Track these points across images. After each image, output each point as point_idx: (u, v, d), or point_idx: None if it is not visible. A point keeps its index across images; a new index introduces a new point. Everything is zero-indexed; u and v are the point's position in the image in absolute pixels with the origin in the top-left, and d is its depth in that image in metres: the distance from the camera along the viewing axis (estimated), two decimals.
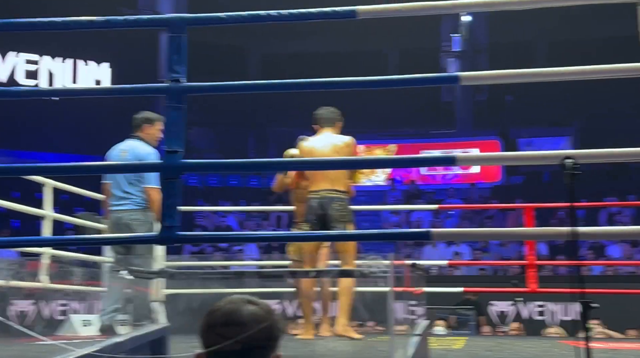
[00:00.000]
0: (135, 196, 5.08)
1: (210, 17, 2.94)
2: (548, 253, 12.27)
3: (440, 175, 17.90)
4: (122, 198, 5.10)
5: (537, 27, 17.76)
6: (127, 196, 5.10)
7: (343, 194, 4.92)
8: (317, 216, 4.88)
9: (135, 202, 5.08)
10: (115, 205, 5.12)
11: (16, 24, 2.97)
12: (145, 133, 5.26)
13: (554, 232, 3.41)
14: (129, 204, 5.08)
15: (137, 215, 5.05)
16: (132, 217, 5.05)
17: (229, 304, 1.55)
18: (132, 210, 5.08)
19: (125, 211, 5.07)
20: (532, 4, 2.94)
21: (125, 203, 5.09)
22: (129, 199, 5.09)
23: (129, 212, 5.07)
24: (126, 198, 5.10)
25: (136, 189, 5.09)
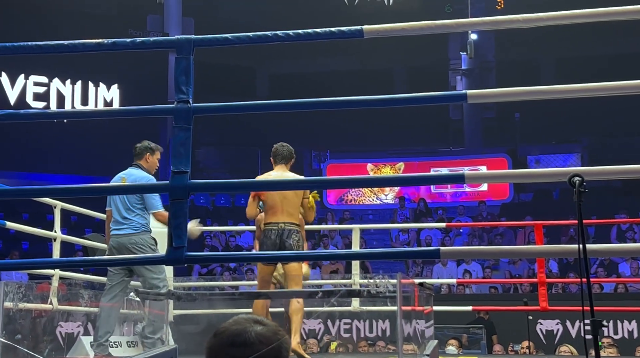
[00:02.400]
0: (132, 220, 5.25)
1: (217, 38, 2.95)
2: (558, 271, 12.19)
3: (449, 193, 17.87)
4: (121, 223, 5.26)
5: (545, 44, 17.79)
6: (125, 221, 5.26)
7: (298, 227, 5.16)
8: (275, 247, 5.05)
9: (133, 226, 5.24)
10: (115, 229, 5.27)
11: (25, 47, 2.99)
12: (145, 161, 5.45)
13: (564, 249, 3.39)
14: (127, 229, 5.24)
15: (135, 239, 5.20)
16: (131, 241, 5.20)
17: (236, 325, 1.54)
18: (130, 234, 5.23)
19: (124, 236, 5.23)
20: (538, 22, 2.94)
21: (124, 227, 5.24)
22: (127, 224, 5.24)
23: (128, 236, 5.22)
24: (124, 223, 5.25)
25: (133, 215, 5.26)
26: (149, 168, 5.46)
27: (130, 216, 5.25)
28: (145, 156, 5.44)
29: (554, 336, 8.64)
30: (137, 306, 6.10)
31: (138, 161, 5.44)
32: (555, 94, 3.02)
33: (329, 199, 17.89)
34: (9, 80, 16.07)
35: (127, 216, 5.25)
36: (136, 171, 5.39)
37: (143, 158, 5.44)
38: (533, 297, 7.37)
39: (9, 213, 12.41)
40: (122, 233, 5.24)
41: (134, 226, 5.24)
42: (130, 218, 5.24)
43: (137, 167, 5.43)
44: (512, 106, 17.94)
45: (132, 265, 5.00)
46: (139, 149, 5.46)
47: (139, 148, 5.47)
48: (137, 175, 5.33)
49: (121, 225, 5.25)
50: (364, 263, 11.08)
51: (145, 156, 5.44)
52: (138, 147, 5.49)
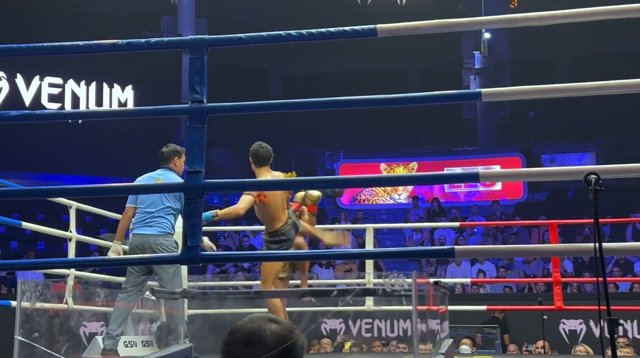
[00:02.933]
0: (164, 221, 5.22)
1: (231, 38, 2.96)
2: (573, 271, 12.13)
3: (463, 193, 17.81)
4: (148, 223, 5.20)
5: (559, 43, 17.70)
6: (154, 221, 5.21)
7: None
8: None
9: (163, 227, 5.21)
10: (141, 228, 5.22)
11: (40, 48, 3.01)
12: (174, 165, 5.42)
13: (580, 248, 3.38)
14: (156, 229, 5.19)
15: (161, 240, 5.17)
16: (157, 242, 5.16)
17: (251, 323, 1.55)
18: (157, 235, 5.19)
19: (151, 236, 5.18)
20: (553, 20, 2.93)
21: (152, 227, 5.20)
22: (157, 225, 5.20)
23: (155, 237, 5.18)
24: (152, 223, 5.21)
25: (165, 215, 5.21)
26: (178, 171, 5.42)
27: (161, 215, 5.20)
28: (173, 159, 5.42)
29: (577, 336, 8.60)
30: (153, 306, 6.13)
31: (167, 164, 5.40)
32: (570, 92, 3.00)
33: (342, 199, 17.88)
34: (24, 81, 16.18)
35: (158, 215, 5.20)
36: (171, 174, 5.35)
37: (172, 162, 5.41)
38: (548, 297, 7.33)
39: (24, 214, 12.50)
40: (150, 233, 5.17)
41: (163, 227, 5.20)
42: (161, 218, 5.19)
43: (170, 170, 5.39)
44: (526, 105, 17.86)
45: (148, 265, 5.01)
46: (167, 154, 5.43)
47: (167, 152, 5.43)
48: (172, 177, 5.29)
49: (149, 225, 5.19)
50: (377, 263, 11.07)
51: (174, 160, 5.42)
52: (166, 151, 5.44)
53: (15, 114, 2.95)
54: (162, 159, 5.45)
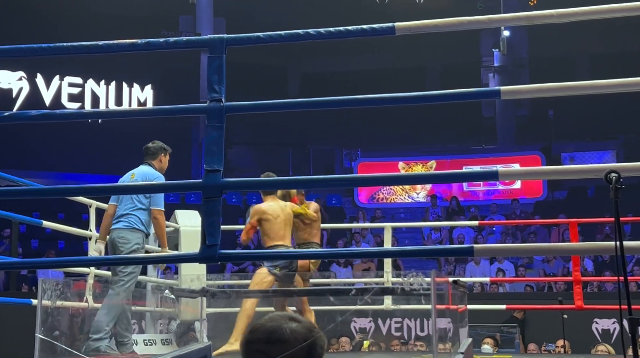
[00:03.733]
0: (130, 216, 5.23)
1: (249, 37, 2.96)
2: (594, 270, 12.04)
3: (481, 191, 17.73)
4: (118, 218, 5.26)
5: (579, 40, 17.56)
6: (122, 217, 5.25)
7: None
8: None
9: (129, 221, 5.22)
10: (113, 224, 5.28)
11: (60, 48, 3.03)
12: (159, 161, 5.45)
13: (600, 247, 3.35)
14: (122, 223, 5.23)
15: (123, 233, 5.19)
16: (119, 235, 5.19)
17: (271, 321, 1.55)
18: (121, 229, 5.21)
19: (116, 230, 5.23)
20: (573, 17, 2.91)
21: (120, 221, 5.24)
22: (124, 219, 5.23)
23: (118, 230, 5.21)
24: (121, 219, 5.25)
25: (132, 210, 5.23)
26: (160, 168, 5.45)
27: (128, 211, 5.24)
28: (160, 156, 5.47)
29: (610, 335, 8.53)
30: (172, 304, 6.16)
31: (152, 160, 5.44)
32: (590, 90, 2.98)
33: (360, 198, 17.87)
34: (44, 81, 16.31)
35: (123, 212, 5.24)
36: (147, 169, 5.38)
37: (157, 158, 5.46)
38: (568, 296, 7.28)
39: (45, 213, 12.59)
40: (116, 226, 5.23)
41: (129, 222, 5.22)
42: (129, 214, 5.23)
43: (148, 165, 5.41)
44: (545, 103, 17.73)
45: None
46: (153, 149, 5.46)
47: (154, 147, 5.47)
48: (148, 173, 5.32)
49: (116, 220, 5.25)
50: (396, 262, 11.05)
51: (160, 156, 5.47)
52: (152, 147, 5.48)
53: (36, 114, 2.98)
54: (148, 154, 5.47)
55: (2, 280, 11.10)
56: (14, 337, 7.05)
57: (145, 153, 5.49)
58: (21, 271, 11.29)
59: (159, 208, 5.28)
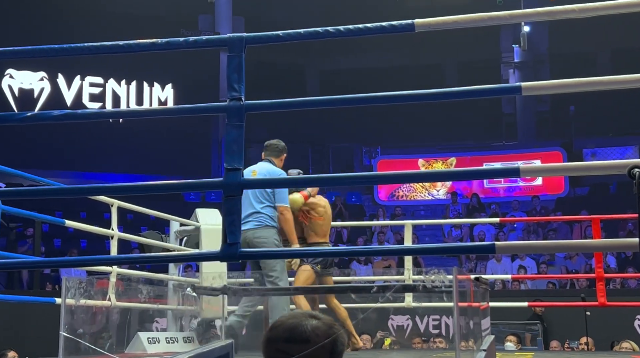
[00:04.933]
0: (259, 214, 5.30)
1: (268, 36, 2.96)
2: (617, 266, 11.93)
3: (502, 188, 17.64)
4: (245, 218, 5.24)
5: (599, 35, 17.40)
6: (250, 216, 5.29)
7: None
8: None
9: (258, 220, 5.29)
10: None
11: (81, 48, 3.05)
12: (280, 160, 5.54)
13: (623, 243, 3.32)
14: (252, 223, 5.29)
15: (260, 233, 5.27)
16: (255, 235, 5.26)
17: (292, 319, 1.55)
18: (255, 229, 5.28)
19: (249, 231, 5.26)
20: (594, 12, 2.88)
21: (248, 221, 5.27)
22: (253, 219, 5.29)
23: (253, 231, 5.27)
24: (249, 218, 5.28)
25: (260, 207, 5.30)
26: (279, 166, 5.55)
27: (256, 209, 5.29)
28: (283, 155, 5.54)
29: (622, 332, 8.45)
30: (194, 302, 6.19)
31: (274, 157, 5.50)
32: (611, 85, 2.95)
33: (380, 196, 17.84)
34: (65, 81, 16.44)
35: (252, 210, 5.28)
36: (269, 166, 5.46)
37: (280, 157, 5.53)
38: (590, 293, 7.23)
39: (67, 212, 12.71)
40: (247, 227, 5.24)
41: (259, 221, 5.28)
42: (257, 212, 5.29)
43: (269, 162, 5.48)
44: (566, 99, 17.60)
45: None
46: (280, 147, 5.53)
47: (280, 145, 5.54)
48: (270, 170, 5.40)
49: (245, 221, 5.24)
50: (416, 259, 11.02)
51: (282, 156, 5.54)
52: (278, 144, 5.54)
53: (58, 114, 3.00)
54: (271, 150, 5.51)
55: (26, 279, 11.22)
56: (39, 335, 7.13)
57: (267, 148, 5.54)
58: (44, 270, 11.40)
59: (284, 204, 5.34)
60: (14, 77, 15.98)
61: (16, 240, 12.11)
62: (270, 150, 5.52)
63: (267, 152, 5.53)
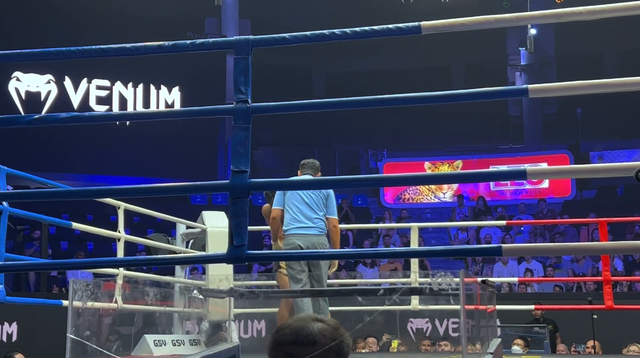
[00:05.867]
0: (320, 221, 5.63)
1: (275, 38, 2.97)
2: (624, 269, 11.89)
3: (509, 191, 17.60)
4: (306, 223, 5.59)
5: (606, 37, 17.35)
6: (312, 221, 5.61)
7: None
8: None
9: (320, 228, 5.62)
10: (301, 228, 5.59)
11: (89, 50, 3.06)
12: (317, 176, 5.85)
13: (631, 246, 3.31)
14: (315, 229, 5.60)
15: (322, 240, 5.58)
16: (320, 241, 5.56)
17: (297, 321, 1.55)
18: (319, 235, 5.58)
19: (315, 236, 5.57)
20: (601, 14, 2.87)
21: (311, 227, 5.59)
22: (315, 225, 5.61)
23: (317, 237, 5.57)
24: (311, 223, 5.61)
25: (320, 216, 5.65)
26: None
27: (317, 216, 5.61)
28: (318, 173, 5.85)
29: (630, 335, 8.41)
30: (201, 305, 6.19)
31: (315, 174, 5.82)
32: (618, 88, 2.94)
33: (386, 198, 17.83)
34: (72, 84, 16.48)
35: (314, 216, 5.60)
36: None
37: (316, 174, 5.83)
38: (597, 296, 7.20)
39: (74, 214, 12.75)
40: (312, 233, 5.56)
41: (320, 228, 5.61)
42: (317, 219, 5.60)
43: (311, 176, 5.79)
44: (573, 101, 17.56)
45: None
46: (317, 165, 5.88)
47: (318, 165, 5.90)
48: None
49: (308, 225, 5.57)
50: (423, 262, 11.01)
51: (318, 174, 5.86)
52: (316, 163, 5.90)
53: (65, 116, 3.01)
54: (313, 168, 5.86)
55: (33, 281, 11.24)
56: (46, 338, 7.14)
57: (309, 166, 5.88)
58: (51, 272, 11.43)
59: (336, 217, 5.74)
60: (21, 80, 16.03)
61: (23, 242, 12.14)
62: (307, 167, 5.86)
63: (304, 170, 5.86)
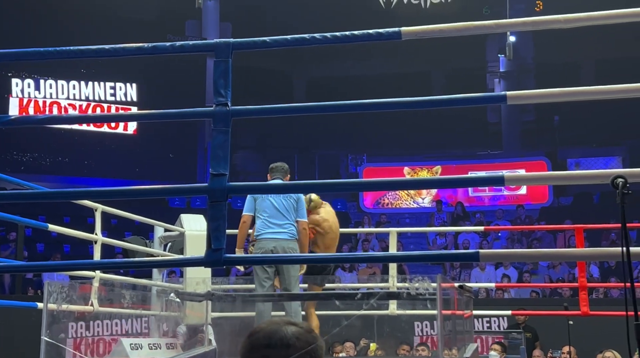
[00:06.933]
0: (290, 226, 5.62)
1: (255, 42, 2.96)
2: (599, 276, 12.00)
3: (487, 197, 17.71)
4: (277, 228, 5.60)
5: (584, 46, 17.53)
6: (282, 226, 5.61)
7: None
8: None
9: (290, 233, 5.61)
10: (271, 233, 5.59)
11: (67, 51, 3.04)
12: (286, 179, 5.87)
13: (607, 253, 3.34)
14: (285, 234, 5.59)
15: (292, 245, 5.57)
16: (289, 246, 5.54)
17: (270, 325, 1.54)
18: (289, 240, 5.57)
19: (284, 241, 5.57)
20: (578, 22, 2.90)
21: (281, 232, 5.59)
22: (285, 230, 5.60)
23: (287, 241, 5.56)
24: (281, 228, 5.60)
25: (289, 221, 5.63)
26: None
27: (288, 221, 5.61)
28: (287, 176, 5.86)
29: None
30: (177, 308, 6.16)
31: (284, 178, 5.81)
32: (595, 96, 2.98)
33: (365, 203, 17.86)
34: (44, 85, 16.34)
35: (284, 222, 5.60)
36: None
37: (285, 178, 5.83)
38: (574, 302, 7.26)
39: (51, 216, 12.62)
40: (282, 237, 5.56)
41: (291, 233, 5.61)
42: (288, 224, 5.60)
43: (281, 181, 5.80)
44: (551, 109, 17.72)
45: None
46: (285, 168, 5.87)
47: (285, 167, 5.90)
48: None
49: (279, 230, 5.57)
50: (401, 267, 11.03)
51: (287, 177, 5.86)
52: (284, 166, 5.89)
53: (40, 118, 2.99)
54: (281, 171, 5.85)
55: (8, 283, 11.12)
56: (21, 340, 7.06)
57: (277, 169, 5.88)
58: (27, 274, 11.31)
59: (306, 220, 5.73)
60: None
61: None
62: (277, 171, 5.86)
63: (274, 174, 5.85)
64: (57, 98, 16.35)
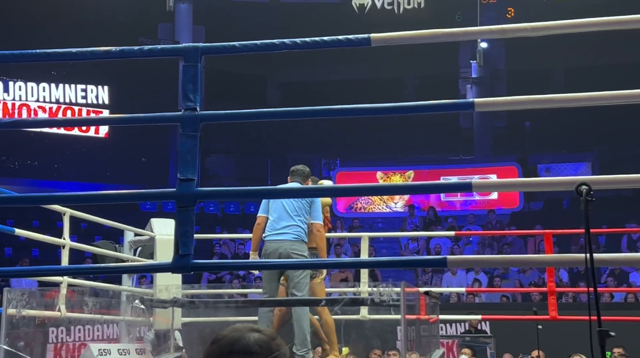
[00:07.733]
0: (296, 227, 5.46)
1: (224, 46, 2.96)
2: (569, 280, 12.13)
3: (459, 201, 17.82)
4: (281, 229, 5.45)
5: (555, 53, 17.74)
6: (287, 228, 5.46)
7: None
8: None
9: (295, 233, 5.44)
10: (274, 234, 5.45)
11: (35, 54, 3.01)
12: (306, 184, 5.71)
13: (572, 259, 3.38)
14: (289, 235, 5.43)
15: (296, 246, 5.41)
16: (292, 247, 5.39)
17: (233, 332, 1.54)
18: (292, 241, 5.41)
19: (287, 242, 5.41)
20: (546, 31, 2.93)
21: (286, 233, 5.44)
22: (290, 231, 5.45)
23: (291, 242, 5.41)
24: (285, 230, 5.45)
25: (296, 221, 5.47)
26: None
27: (294, 223, 5.46)
28: (307, 181, 5.73)
29: None
30: (143, 314, 6.11)
31: (304, 182, 5.67)
32: (563, 103, 3.01)
33: (338, 208, 17.87)
34: None
35: (290, 223, 5.45)
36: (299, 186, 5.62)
37: (306, 181, 5.71)
38: (543, 306, 7.33)
39: (20, 220, 12.46)
40: (285, 238, 5.40)
41: (296, 234, 5.44)
42: (294, 225, 5.45)
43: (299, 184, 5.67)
44: (522, 115, 17.88)
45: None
46: (306, 173, 5.74)
47: (307, 171, 5.76)
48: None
49: (283, 231, 5.43)
50: (373, 272, 11.05)
51: (307, 181, 5.73)
52: (306, 170, 5.76)
53: (6, 121, 2.95)
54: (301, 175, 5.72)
55: None
56: None
57: (296, 173, 5.74)
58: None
59: (320, 222, 5.57)
60: None
61: None
62: (297, 175, 5.74)
63: (294, 177, 5.74)
64: (27, 100, 16.15)
